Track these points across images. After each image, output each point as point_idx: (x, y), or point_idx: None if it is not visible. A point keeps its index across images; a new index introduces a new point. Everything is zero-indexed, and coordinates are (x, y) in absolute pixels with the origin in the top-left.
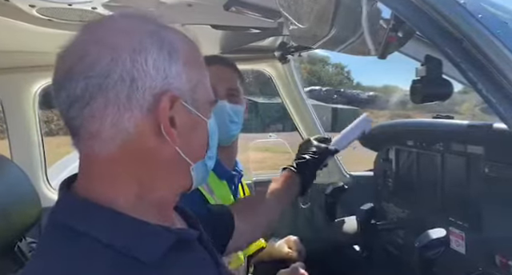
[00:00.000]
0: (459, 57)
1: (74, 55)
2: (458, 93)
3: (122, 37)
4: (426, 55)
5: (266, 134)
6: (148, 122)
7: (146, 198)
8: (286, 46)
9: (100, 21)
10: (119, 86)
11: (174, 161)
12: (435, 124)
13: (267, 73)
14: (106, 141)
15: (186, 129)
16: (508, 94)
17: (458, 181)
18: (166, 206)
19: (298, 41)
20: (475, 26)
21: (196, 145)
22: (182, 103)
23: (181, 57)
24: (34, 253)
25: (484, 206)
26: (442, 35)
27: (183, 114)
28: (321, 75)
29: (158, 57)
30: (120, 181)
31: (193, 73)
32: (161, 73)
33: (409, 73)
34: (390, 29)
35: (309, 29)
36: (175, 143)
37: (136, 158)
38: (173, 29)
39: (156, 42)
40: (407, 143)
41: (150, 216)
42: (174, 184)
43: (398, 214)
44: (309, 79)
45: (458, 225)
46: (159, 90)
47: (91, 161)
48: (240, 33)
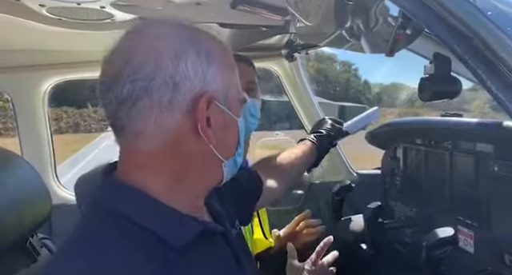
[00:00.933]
0: (468, 55)
1: (120, 59)
2: (467, 91)
3: (163, 41)
4: (434, 53)
5: (272, 132)
6: (187, 122)
7: (179, 189)
8: (292, 44)
9: (140, 27)
10: (163, 89)
11: (208, 157)
12: (444, 122)
13: (274, 72)
14: (150, 139)
15: (219, 128)
16: None
17: (467, 179)
18: (197, 198)
19: (305, 39)
20: (485, 24)
21: (228, 143)
22: (217, 104)
23: (215, 59)
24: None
25: (493, 205)
26: (451, 32)
27: (217, 114)
28: (328, 73)
29: (196, 60)
30: (158, 172)
31: (226, 74)
32: (199, 75)
33: (417, 71)
34: (398, 27)
35: (316, 26)
36: (210, 142)
37: (174, 154)
38: (204, 32)
39: (194, 46)
40: (415, 141)
41: (180, 205)
42: (207, 178)
43: (405, 213)
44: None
45: (467, 223)
46: (197, 92)
47: (133, 154)
48: (247, 32)
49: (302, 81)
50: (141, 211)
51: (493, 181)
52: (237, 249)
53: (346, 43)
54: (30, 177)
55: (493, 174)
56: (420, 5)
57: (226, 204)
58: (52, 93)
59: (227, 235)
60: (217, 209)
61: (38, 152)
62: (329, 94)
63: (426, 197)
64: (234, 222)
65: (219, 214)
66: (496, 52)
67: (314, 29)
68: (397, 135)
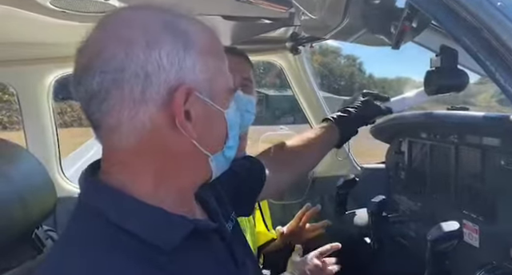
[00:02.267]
0: (477, 47)
1: (91, 50)
2: (473, 85)
3: (135, 30)
4: (441, 45)
5: (276, 127)
6: (163, 116)
7: (165, 188)
8: (297, 37)
9: (114, 15)
10: (134, 81)
11: (192, 153)
12: (449, 115)
13: (278, 65)
14: (125, 135)
15: (202, 121)
16: None
17: (473, 173)
18: (185, 196)
19: (310, 32)
20: (494, 15)
21: (213, 137)
22: (198, 95)
23: (196, 46)
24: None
25: (499, 199)
26: (459, 24)
27: (199, 106)
28: (332, 67)
29: (172, 49)
30: (140, 170)
31: (210, 62)
32: (175, 65)
33: (423, 64)
34: (405, 19)
35: (321, 19)
36: (191, 136)
37: (154, 150)
38: (188, 19)
39: (170, 34)
40: (420, 135)
41: (168, 204)
42: (193, 175)
43: (410, 207)
44: (320, 71)
45: (472, 218)
46: (174, 84)
47: (112, 152)
48: (251, 24)
49: (307, 74)
50: (126, 214)
51: (499, 175)
52: (232, 244)
53: (352, 36)
54: (36, 170)
55: (499, 168)
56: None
57: (221, 196)
58: (56, 86)
59: (222, 231)
60: (211, 204)
61: (43, 145)
62: (333, 88)
63: (431, 191)
64: (230, 215)
65: (213, 209)
66: (506, 43)
67: (318, 22)
68: (402, 129)
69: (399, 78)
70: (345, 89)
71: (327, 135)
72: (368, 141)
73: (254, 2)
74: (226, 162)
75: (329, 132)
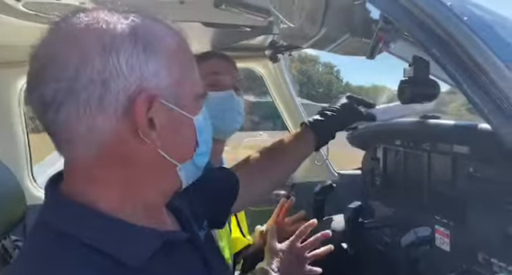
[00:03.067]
0: (446, 59)
1: (45, 55)
2: (445, 94)
3: (92, 34)
4: (413, 56)
5: (256, 133)
6: (124, 125)
7: (132, 200)
8: (276, 45)
9: (71, 17)
10: (90, 89)
11: (158, 162)
12: (422, 123)
13: (258, 72)
14: (84, 146)
15: (167, 129)
16: (492, 96)
17: (444, 180)
18: (154, 208)
19: (288, 41)
20: (462, 29)
21: (181, 145)
22: (162, 102)
23: (160, 51)
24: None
25: (469, 205)
26: (430, 37)
27: (164, 113)
28: (311, 74)
29: (132, 54)
30: (104, 183)
31: (176, 67)
32: (135, 71)
33: (397, 73)
34: (379, 30)
35: (299, 28)
36: (155, 145)
37: (117, 161)
38: (152, 21)
39: (129, 37)
40: (395, 142)
41: (136, 218)
42: (161, 185)
43: (385, 212)
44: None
45: (444, 223)
46: (134, 90)
47: (73, 164)
48: (231, 31)
49: (286, 81)
50: (90, 230)
51: (468, 182)
52: (205, 254)
53: (329, 45)
54: (4, 177)
55: (469, 175)
56: (400, 9)
57: (194, 204)
58: None
59: (195, 240)
60: (183, 214)
61: (14, 151)
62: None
63: (405, 197)
64: (202, 223)
65: (186, 219)
66: (472, 56)
67: (296, 31)
68: (377, 136)
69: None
70: (323, 96)
71: (302, 141)
72: (345, 147)
73: (233, 10)
74: (197, 170)
75: (304, 137)
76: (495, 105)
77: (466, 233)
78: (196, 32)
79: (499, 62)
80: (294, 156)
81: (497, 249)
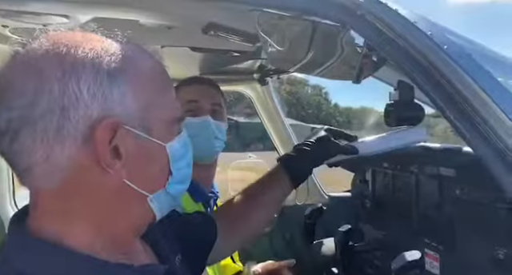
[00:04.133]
0: (428, 85)
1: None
2: (431, 116)
3: (50, 60)
4: (398, 80)
5: (246, 154)
6: (86, 154)
7: (102, 235)
8: (264, 69)
9: (32, 42)
10: (48, 117)
11: (125, 193)
12: (409, 146)
13: (247, 95)
14: (44, 177)
15: (135, 158)
16: (473, 121)
17: (432, 203)
18: (126, 242)
19: (276, 65)
20: (441, 57)
21: (151, 174)
22: (128, 129)
23: (127, 75)
24: None
25: (457, 228)
26: (412, 64)
27: (130, 141)
28: (300, 96)
29: (95, 80)
30: (69, 217)
31: (145, 92)
32: (98, 98)
33: (384, 96)
34: (364, 56)
35: (286, 52)
36: (120, 175)
37: (82, 193)
38: (123, 44)
39: (92, 62)
40: (383, 165)
41: (108, 253)
42: (131, 218)
43: (375, 235)
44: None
45: (433, 246)
46: (96, 118)
47: (37, 196)
48: (219, 56)
49: (274, 104)
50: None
51: (456, 205)
52: None
53: (316, 69)
54: None
55: (455, 198)
56: (383, 38)
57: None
58: None
59: (173, 273)
60: (160, 245)
61: None
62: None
63: (395, 220)
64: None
65: (163, 250)
66: (453, 83)
67: (284, 55)
68: (366, 158)
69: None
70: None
71: (276, 180)
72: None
73: (221, 36)
74: (172, 200)
75: (278, 176)
76: (476, 130)
77: (455, 256)
78: (184, 56)
79: (478, 89)
80: (272, 196)
81: (485, 273)
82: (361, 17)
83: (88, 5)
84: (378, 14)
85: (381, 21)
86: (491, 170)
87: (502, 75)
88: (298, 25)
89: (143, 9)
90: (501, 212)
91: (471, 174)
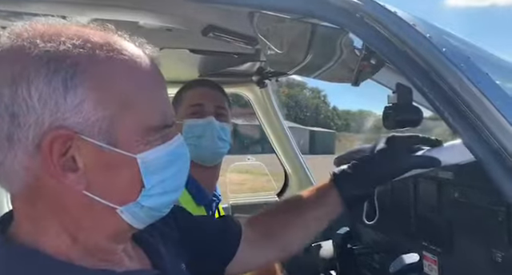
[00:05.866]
0: (427, 88)
1: None
2: (429, 119)
3: (5, 60)
4: (396, 83)
5: (245, 156)
6: (38, 164)
7: (77, 242)
8: (263, 71)
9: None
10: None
11: (90, 203)
12: None
13: (245, 97)
14: (4, 180)
15: (96, 169)
16: (471, 123)
17: (430, 205)
18: (106, 249)
19: (275, 67)
20: (440, 59)
21: (117, 187)
22: (87, 139)
23: (89, 81)
24: None
25: (455, 231)
26: (411, 66)
27: (90, 152)
28: (298, 98)
29: (47, 85)
30: (41, 222)
31: (112, 98)
32: (49, 105)
33: (383, 99)
34: (362, 58)
35: (285, 55)
36: (77, 187)
37: (44, 199)
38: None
39: (48, 66)
40: None
41: (87, 260)
42: (103, 227)
43: (373, 238)
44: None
45: (431, 249)
46: (48, 126)
47: (12, 199)
48: (218, 58)
49: (273, 106)
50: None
51: (454, 207)
52: None
53: (315, 72)
54: None
55: (454, 200)
56: (382, 40)
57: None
58: None
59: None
60: (154, 248)
61: None
62: (299, 119)
63: (393, 222)
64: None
65: (158, 254)
66: (451, 85)
67: (283, 58)
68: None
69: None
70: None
71: (323, 199)
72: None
73: (221, 39)
74: (151, 211)
75: (326, 195)
76: (475, 133)
77: (453, 259)
78: (183, 58)
79: (477, 92)
80: (316, 215)
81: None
82: (359, 20)
83: (87, 6)
84: (376, 17)
85: (379, 23)
86: (490, 174)
87: (500, 78)
88: (297, 27)
89: (142, 10)
90: (499, 215)
91: (469, 177)
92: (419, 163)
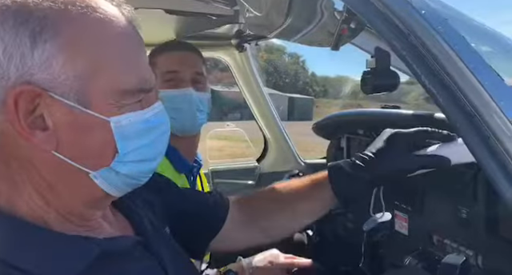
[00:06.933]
0: (405, 51)
1: None
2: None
3: None
4: (375, 47)
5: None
6: (5, 120)
7: (52, 205)
8: (242, 35)
9: None
10: None
11: (61, 165)
12: (383, 113)
13: (224, 61)
14: None
15: (67, 129)
16: (447, 87)
17: None
18: (82, 215)
19: (254, 30)
20: (419, 22)
21: (89, 150)
22: (57, 98)
23: (58, 37)
24: None
25: (426, 191)
26: (390, 29)
27: (61, 111)
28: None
29: (13, 39)
30: (15, 183)
31: (85, 56)
32: (15, 59)
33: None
34: (343, 21)
35: (265, 18)
36: (44, 147)
37: (16, 159)
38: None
39: (14, 18)
40: (357, 132)
41: (64, 226)
42: (76, 192)
43: None
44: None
45: (403, 208)
46: (13, 82)
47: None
48: (195, 20)
49: (253, 71)
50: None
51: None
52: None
53: (294, 35)
54: None
55: None
56: (363, 2)
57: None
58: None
59: (149, 244)
60: (137, 216)
61: None
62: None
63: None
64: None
65: (141, 221)
66: (429, 48)
67: (262, 21)
68: (341, 126)
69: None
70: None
71: (316, 193)
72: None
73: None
74: (127, 179)
75: (320, 190)
76: (449, 95)
77: (422, 217)
78: (158, 19)
79: (452, 53)
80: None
81: (449, 231)
82: None
83: None
84: None
85: None
86: (462, 137)
87: (475, 41)
88: None
89: None
90: (466, 176)
91: None
92: (425, 164)
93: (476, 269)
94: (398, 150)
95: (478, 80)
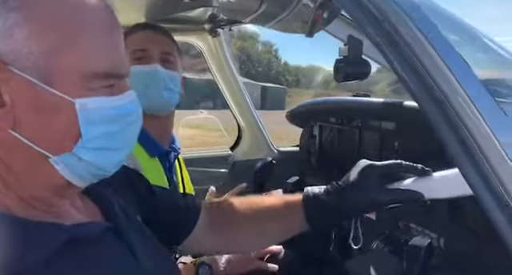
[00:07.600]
0: (379, 37)
1: None
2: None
3: None
4: (348, 35)
5: (195, 111)
6: None
7: (11, 188)
8: (216, 19)
9: None
10: None
11: (18, 146)
12: (354, 101)
13: (197, 47)
14: None
15: (27, 108)
16: (418, 73)
17: (373, 154)
18: (45, 201)
19: (229, 15)
20: (393, 8)
21: (52, 132)
22: (17, 73)
23: (23, 8)
24: None
25: None
26: (365, 15)
27: (21, 87)
28: (250, 52)
29: None
30: None
31: (52, 32)
32: None
33: (333, 53)
34: (317, 8)
35: (240, 2)
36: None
37: None
38: None
39: None
40: (329, 120)
41: (30, 212)
42: (36, 176)
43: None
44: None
45: None
46: None
47: None
48: (166, 2)
49: (226, 58)
50: None
51: (394, 156)
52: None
53: (269, 21)
54: None
55: (393, 149)
56: None
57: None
58: None
59: (119, 229)
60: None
61: None
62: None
63: (339, 172)
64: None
65: (111, 208)
66: (402, 35)
67: (237, 5)
68: (313, 114)
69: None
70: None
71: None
72: (285, 125)
73: None
74: (91, 167)
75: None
76: (420, 81)
77: None
78: (128, 1)
79: (424, 40)
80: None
81: (414, 217)
82: None
83: None
84: None
85: None
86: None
87: (445, 28)
88: None
89: None
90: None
91: (411, 127)
92: (397, 198)
93: (438, 251)
94: (371, 182)
95: (447, 65)
